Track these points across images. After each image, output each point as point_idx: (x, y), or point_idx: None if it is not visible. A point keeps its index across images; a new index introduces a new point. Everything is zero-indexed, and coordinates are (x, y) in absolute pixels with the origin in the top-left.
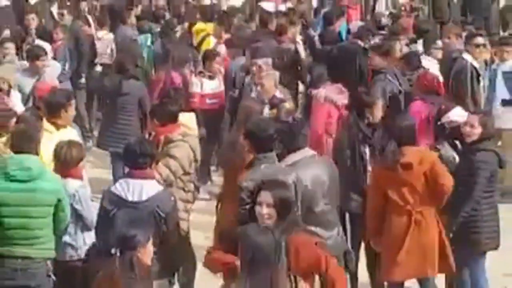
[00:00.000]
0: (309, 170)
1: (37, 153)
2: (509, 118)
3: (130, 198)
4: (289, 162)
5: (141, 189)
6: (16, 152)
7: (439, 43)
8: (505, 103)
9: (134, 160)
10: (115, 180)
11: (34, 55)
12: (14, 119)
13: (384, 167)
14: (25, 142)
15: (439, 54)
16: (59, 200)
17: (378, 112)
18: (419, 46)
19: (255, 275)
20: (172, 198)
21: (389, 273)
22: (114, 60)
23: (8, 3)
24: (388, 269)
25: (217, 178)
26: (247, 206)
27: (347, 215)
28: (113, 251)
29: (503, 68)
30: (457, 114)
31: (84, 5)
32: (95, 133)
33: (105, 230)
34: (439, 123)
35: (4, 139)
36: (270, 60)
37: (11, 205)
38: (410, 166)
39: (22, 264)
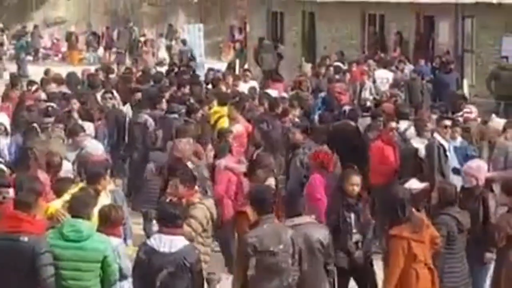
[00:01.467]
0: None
1: (89, 218)
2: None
3: (161, 250)
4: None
5: (170, 243)
6: (72, 216)
7: (430, 125)
8: (455, 171)
9: (170, 219)
10: (147, 235)
11: (74, 132)
12: (73, 186)
13: (411, 229)
14: (81, 208)
15: (429, 135)
16: (105, 257)
17: (350, 186)
18: (403, 125)
19: None
20: (197, 251)
21: None
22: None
23: (65, 89)
24: None
25: None
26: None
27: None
28: None
29: (454, 144)
30: (414, 184)
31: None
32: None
33: (140, 276)
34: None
35: (60, 202)
36: (191, 140)
37: (65, 260)
38: (428, 226)
39: None
